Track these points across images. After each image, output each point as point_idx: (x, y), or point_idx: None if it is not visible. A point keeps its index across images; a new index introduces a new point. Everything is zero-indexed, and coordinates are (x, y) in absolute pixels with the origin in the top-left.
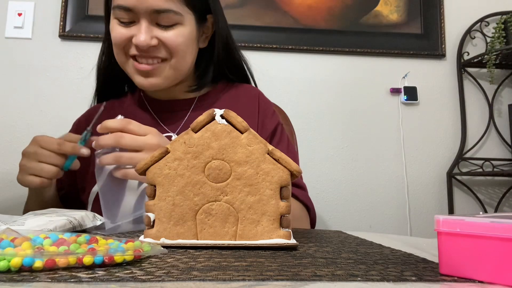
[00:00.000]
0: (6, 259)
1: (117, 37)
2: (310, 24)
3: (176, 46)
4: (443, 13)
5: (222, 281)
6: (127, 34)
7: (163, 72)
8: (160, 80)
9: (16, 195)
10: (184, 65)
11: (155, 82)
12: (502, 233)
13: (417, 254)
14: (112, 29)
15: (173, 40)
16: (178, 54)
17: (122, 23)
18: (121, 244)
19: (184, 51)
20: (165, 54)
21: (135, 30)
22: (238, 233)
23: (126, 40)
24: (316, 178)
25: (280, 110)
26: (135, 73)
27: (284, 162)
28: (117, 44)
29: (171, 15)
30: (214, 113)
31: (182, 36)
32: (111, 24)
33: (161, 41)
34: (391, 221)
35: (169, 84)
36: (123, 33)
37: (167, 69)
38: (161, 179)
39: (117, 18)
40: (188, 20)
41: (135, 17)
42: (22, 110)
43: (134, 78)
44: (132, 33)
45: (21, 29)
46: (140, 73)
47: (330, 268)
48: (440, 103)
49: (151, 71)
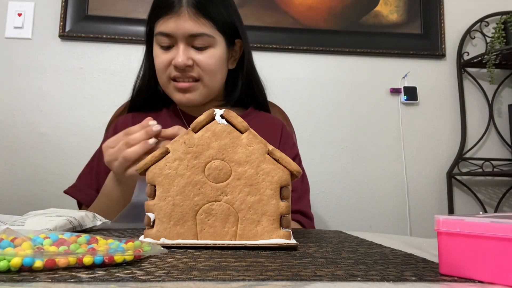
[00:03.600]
0: (6, 259)
1: (160, 63)
2: (310, 24)
3: (208, 66)
4: (443, 13)
5: (222, 281)
6: (167, 58)
7: (198, 90)
8: (195, 96)
9: (16, 195)
10: (215, 83)
11: (192, 98)
12: (502, 233)
13: (417, 254)
14: (156, 55)
15: (206, 61)
16: (210, 74)
17: (162, 48)
18: (121, 244)
19: (214, 71)
20: (198, 73)
21: (174, 53)
22: (238, 233)
23: (167, 64)
24: (316, 178)
25: (280, 110)
26: (175, 91)
27: (284, 162)
28: (160, 69)
29: (205, 38)
30: (214, 113)
31: (214, 58)
32: (155, 51)
33: (195, 62)
34: (391, 221)
35: (202, 100)
36: (164, 58)
37: (201, 87)
38: (161, 179)
39: (159, 44)
40: (219, 43)
41: (174, 41)
42: (22, 110)
43: (174, 96)
44: (171, 56)
45: (21, 29)
46: (179, 90)
47: (330, 268)
48: (440, 103)
49: (188, 88)
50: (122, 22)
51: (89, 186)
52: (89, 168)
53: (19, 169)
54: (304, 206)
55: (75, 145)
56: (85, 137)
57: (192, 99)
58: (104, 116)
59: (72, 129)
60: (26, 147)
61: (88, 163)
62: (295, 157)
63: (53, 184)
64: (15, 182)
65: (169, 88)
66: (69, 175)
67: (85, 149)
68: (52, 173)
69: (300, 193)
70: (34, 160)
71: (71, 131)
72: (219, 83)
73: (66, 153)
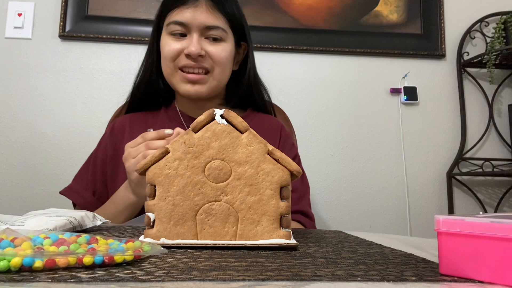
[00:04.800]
0: (6, 259)
1: (170, 50)
2: (310, 24)
3: (220, 59)
4: (443, 13)
5: (222, 281)
6: (179, 47)
7: (207, 82)
8: (204, 88)
9: (16, 195)
10: (224, 77)
11: (200, 90)
12: (502, 233)
13: (417, 254)
14: (165, 43)
15: (218, 53)
16: (220, 67)
17: (173, 36)
18: (121, 244)
19: (225, 65)
20: (209, 65)
21: (186, 43)
22: (238, 233)
23: (178, 52)
24: (316, 178)
25: (280, 110)
26: (182, 82)
27: (284, 162)
28: (169, 56)
29: (219, 31)
30: (214, 113)
31: (225, 51)
32: (164, 40)
33: (208, 53)
34: (391, 221)
35: (209, 94)
36: (175, 46)
37: (211, 79)
38: (161, 179)
39: (170, 32)
40: (230, 40)
41: (187, 31)
42: (22, 110)
43: (181, 87)
44: (183, 46)
45: (21, 29)
46: (188, 81)
47: (330, 268)
48: (440, 103)
49: (198, 80)
50: (122, 22)
51: (84, 188)
52: (85, 170)
53: (19, 169)
54: (304, 206)
55: (75, 145)
56: (85, 137)
57: (200, 91)
58: (104, 116)
59: (72, 129)
60: (26, 147)
61: (83, 165)
62: (295, 158)
63: (53, 184)
64: (15, 182)
65: (175, 78)
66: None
67: (85, 149)
68: (52, 173)
69: (300, 193)
70: (34, 160)
71: (71, 131)
72: (226, 79)
73: (66, 153)
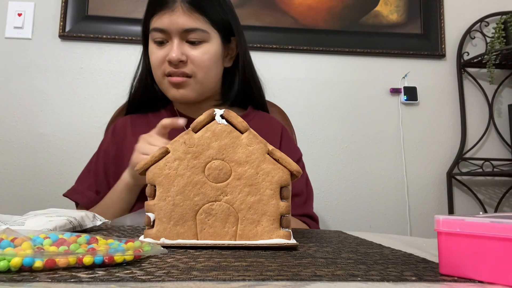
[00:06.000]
0: (6, 259)
1: (155, 59)
2: (310, 24)
3: (202, 63)
4: (443, 13)
5: (222, 281)
6: (162, 54)
7: (191, 85)
8: (188, 91)
9: (16, 195)
10: (209, 79)
11: (185, 94)
12: (502, 233)
13: (417, 254)
14: (151, 52)
15: (200, 57)
16: (203, 70)
17: (157, 43)
18: (121, 244)
19: (208, 67)
20: (190, 70)
21: (168, 49)
22: (238, 233)
23: (162, 60)
24: (316, 178)
25: (280, 110)
26: (169, 87)
27: (284, 162)
28: (155, 65)
29: (199, 33)
30: (214, 113)
31: (208, 53)
32: (150, 48)
33: (189, 58)
34: (391, 221)
35: (197, 97)
36: (159, 54)
37: (193, 83)
38: (161, 179)
39: (153, 40)
40: (214, 39)
41: (167, 37)
42: (22, 110)
43: (169, 92)
44: (166, 53)
45: (21, 29)
46: (173, 85)
47: (330, 268)
48: (440, 103)
49: (181, 83)
50: (122, 22)
51: (88, 188)
52: (88, 170)
53: (19, 169)
54: (310, 209)
55: (75, 145)
56: (85, 137)
57: (185, 95)
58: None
59: (72, 129)
60: (26, 147)
61: (86, 165)
62: (298, 161)
63: (53, 184)
64: (15, 182)
65: (164, 84)
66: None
67: (85, 149)
68: (52, 173)
69: (305, 197)
70: (34, 160)
71: (71, 131)
72: (214, 80)
73: (66, 153)
